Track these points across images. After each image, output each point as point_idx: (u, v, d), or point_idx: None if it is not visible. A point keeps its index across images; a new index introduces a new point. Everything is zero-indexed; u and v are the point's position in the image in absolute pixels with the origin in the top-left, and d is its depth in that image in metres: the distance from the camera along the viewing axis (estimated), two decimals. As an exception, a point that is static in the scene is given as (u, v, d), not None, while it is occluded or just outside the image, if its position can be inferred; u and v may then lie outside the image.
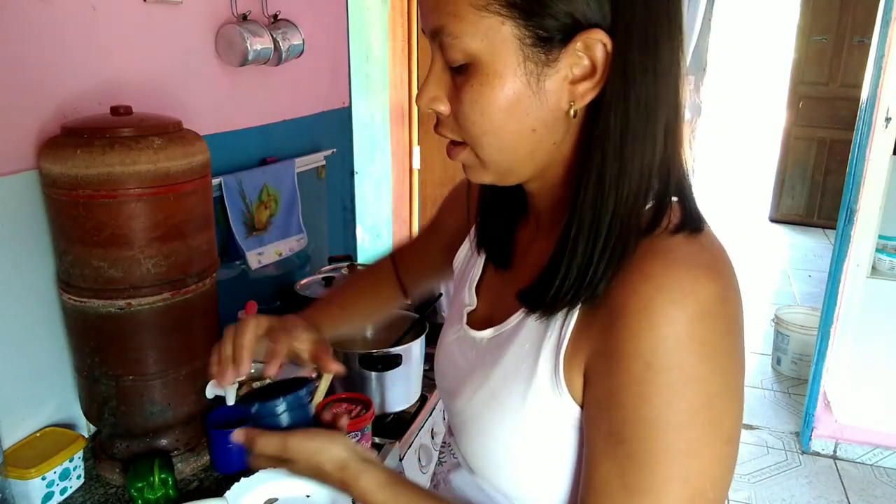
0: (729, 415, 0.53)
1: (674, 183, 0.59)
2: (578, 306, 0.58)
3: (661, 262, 0.53)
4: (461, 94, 0.57)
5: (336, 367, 0.76)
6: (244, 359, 0.77)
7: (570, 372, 0.58)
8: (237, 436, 0.70)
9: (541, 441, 0.61)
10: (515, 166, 0.61)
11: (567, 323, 0.58)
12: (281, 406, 0.69)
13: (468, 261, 0.81)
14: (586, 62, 0.55)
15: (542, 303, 0.60)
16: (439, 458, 0.83)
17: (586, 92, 0.56)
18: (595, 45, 0.55)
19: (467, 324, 0.74)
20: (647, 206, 0.57)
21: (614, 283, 0.55)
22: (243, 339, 0.77)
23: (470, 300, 0.76)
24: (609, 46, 0.54)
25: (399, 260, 1.01)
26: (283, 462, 0.68)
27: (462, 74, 0.57)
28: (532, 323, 0.62)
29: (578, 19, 0.54)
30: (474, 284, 0.76)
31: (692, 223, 0.57)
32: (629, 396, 0.52)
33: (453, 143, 0.62)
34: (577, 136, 0.60)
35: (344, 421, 0.72)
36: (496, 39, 0.55)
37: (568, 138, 0.60)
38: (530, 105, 0.57)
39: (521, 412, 0.61)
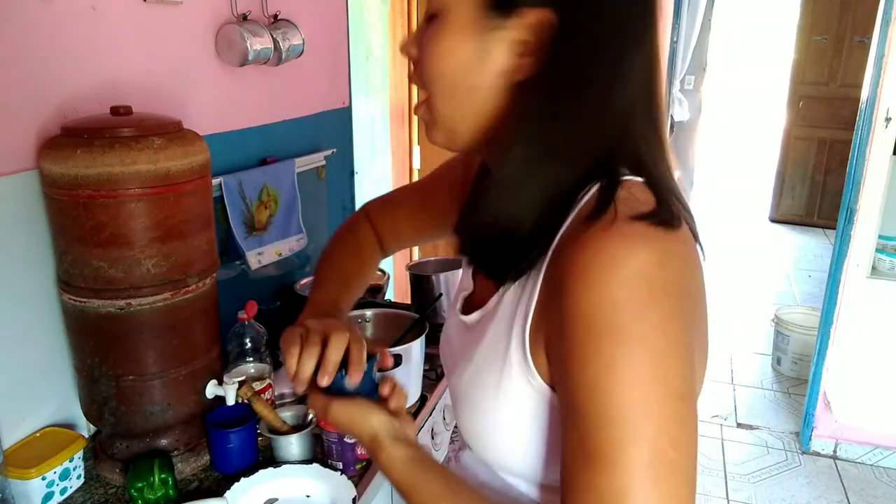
0: (678, 371, 0.52)
1: (623, 175, 0.60)
2: (538, 284, 0.60)
3: (598, 234, 0.54)
4: (426, 45, 0.63)
5: (390, 362, 0.77)
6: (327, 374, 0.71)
7: (536, 349, 0.60)
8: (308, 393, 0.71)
9: (518, 416, 0.63)
10: (459, 126, 0.65)
11: (530, 300, 0.60)
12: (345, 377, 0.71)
13: None
14: (531, 38, 0.59)
15: (501, 270, 0.64)
16: (452, 436, 0.87)
17: (523, 67, 0.60)
18: (539, 23, 0.58)
19: (462, 308, 0.76)
20: (588, 194, 0.59)
21: (563, 256, 0.56)
22: (332, 356, 0.70)
23: (467, 284, 0.79)
24: (552, 27, 0.58)
25: (377, 222, 1.02)
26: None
27: (429, 27, 0.63)
28: (506, 303, 0.65)
29: None
30: (470, 269, 0.79)
31: (655, 217, 0.56)
32: (575, 363, 0.53)
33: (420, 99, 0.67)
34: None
35: (395, 402, 0.71)
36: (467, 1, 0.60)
37: (509, 113, 0.62)
38: (475, 63, 0.61)
39: (498, 389, 0.63)
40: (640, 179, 0.61)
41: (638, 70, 0.60)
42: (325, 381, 0.68)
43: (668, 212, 0.57)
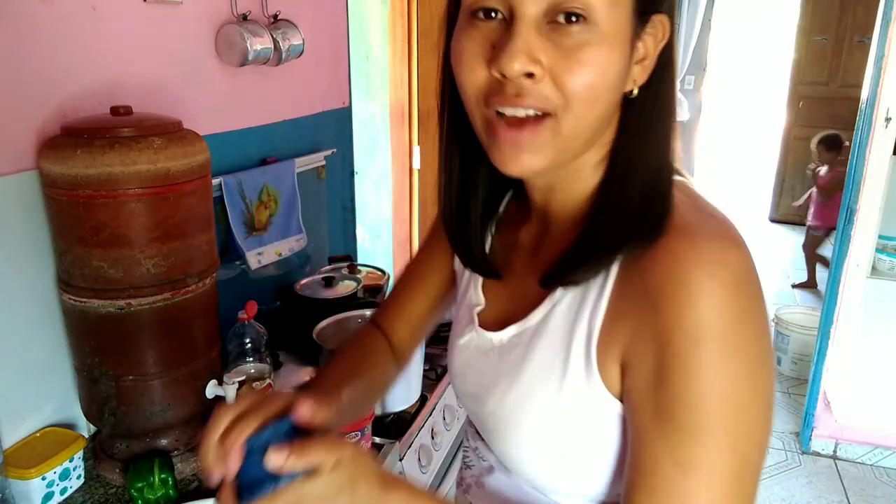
0: (768, 377, 0.53)
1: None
2: (606, 294, 0.58)
3: (688, 240, 0.53)
4: (578, 55, 0.53)
5: (306, 411, 0.56)
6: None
7: (605, 363, 0.58)
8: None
9: (577, 435, 0.61)
10: (582, 145, 0.59)
11: (597, 312, 0.58)
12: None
13: None
14: (649, 43, 0.58)
15: (573, 272, 0.60)
16: (465, 461, 0.81)
17: (642, 73, 0.58)
18: (660, 29, 0.57)
19: (480, 325, 0.72)
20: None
21: (646, 266, 0.55)
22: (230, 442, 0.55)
23: (477, 300, 0.74)
24: (666, 32, 0.58)
25: (383, 321, 0.89)
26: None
27: (573, 35, 0.53)
28: (560, 316, 0.62)
29: (660, 0, 0.57)
30: (479, 284, 0.75)
31: (697, 198, 0.60)
32: (677, 372, 0.52)
33: (521, 124, 0.56)
34: (616, 121, 0.62)
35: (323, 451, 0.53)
36: (622, 3, 0.54)
37: (612, 123, 0.61)
38: (622, 79, 0.57)
39: (555, 408, 0.61)
40: (682, 178, 0.62)
41: None
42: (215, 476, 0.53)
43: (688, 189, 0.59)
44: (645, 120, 0.60)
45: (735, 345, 0.51)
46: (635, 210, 0.58)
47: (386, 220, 2.52)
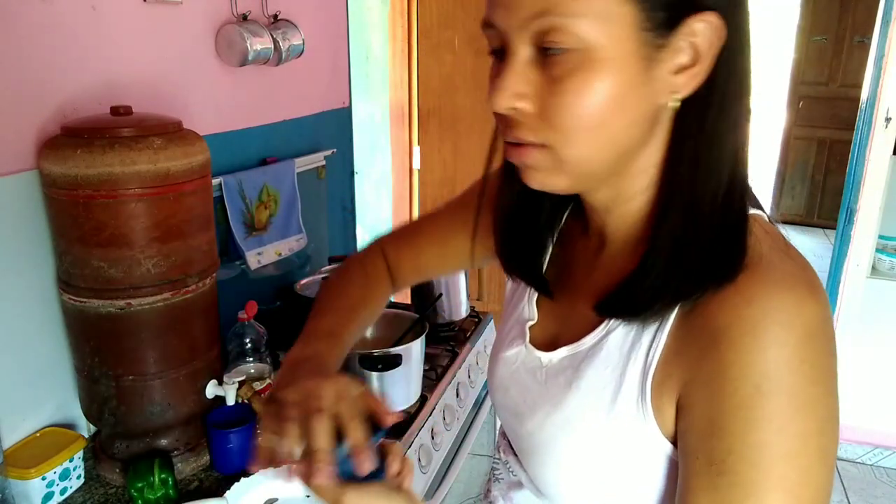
0: (833, 439, 0.50)
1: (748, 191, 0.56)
2: (667, 329, 0.55)
3: (762, 284, 0.50)
4: (563, 86, 0.51)
5: (392, 419, 0.60)
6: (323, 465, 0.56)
7: (659, 400, 0.55)
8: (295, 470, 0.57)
9: (619, 469, 0.58)
10: (599, 169, 0.55)
11: (655, 347, 0.55)
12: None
13: None
14: (690, 49, 0.51)
15: (633, 307, 0.56)
16: (494, 473, 0.79)
17: (688, 82, 0.52)
18: (705, 30, 0.51)
19: (530, 341, 0.69)
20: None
21: (713, 305, 0.51)
22: (319, 442, 0.56)
23: (531, 314, 0.71)
24: (723, 32, 0.51)
25: (389, 253, 0.91)
26: None
27: (561, 64, 0.51)
28: (614, 345, 0.58)
29: (691, 1, 0.51)
30: (534, 298, 0.71)
31: (776, 236, 0.55)
32: (736, 422, 0.49)
33: (519, 144, 0.56)
34: (664, 136, 0.56)
35: (407, 481, 0.60)
36: (614, 21, 0.49)
37: (653, 139, 0.56)
38: (638, 97, 0.52)
39: (600, 441, 0.58)
40: (759, 212, 0.57)
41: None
42: (321, 477, 0.54)
43: (775, 229, 0.55)
44: (705, 136, 0.54)
45: (804, 401, 0.49)
46: (703, 246, 0.53)
47: (386, 220, 2.52)
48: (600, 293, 0.60)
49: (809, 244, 5.20)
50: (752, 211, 0.56)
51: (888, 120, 2.34)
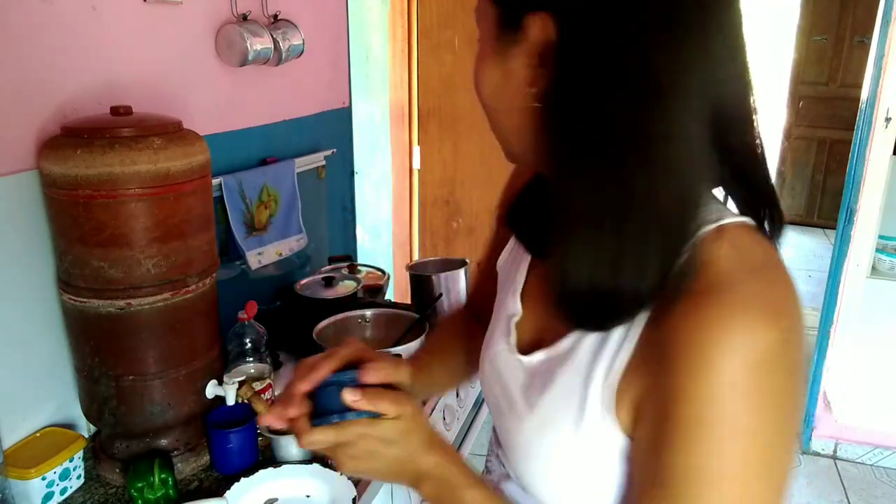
0: (783, 462, 0.50)
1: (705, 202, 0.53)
2: (635, 339, 0.54)
3: (716, 308, 0.48)
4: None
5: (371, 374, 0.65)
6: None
7: (621, 403, 0.55)
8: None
9: (593, 468, 0.59)
10: (514, 147, 0.63)
11: (618, 355, 0.55)
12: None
13: (512, 262, 0.76)
14: (532, 46, 0.54)
15: (575, 316, 0.56)
16: (487, 464, 0.81)
17: (537, 78, 0.55)
18: (537, 28, 0.53)
19: (516, 341, 0.70)
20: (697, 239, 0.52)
21: (676, 322, 0.50)
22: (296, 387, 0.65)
23: (514, 308, 0.71)
24: (552, 31, 0.52)
25: (469, 303, 0.96)
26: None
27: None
28: (584, 350, 0.59)
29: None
30: (518, 291, 0.72)
31: (748, 249, 0.53)
32: (677, 442, 0.49)
33: None
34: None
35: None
36: (485, 18, 0.59)
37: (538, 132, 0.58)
38: (503, 85, 0.58)
39: (572, 442, 0.59)
40: (747, 220, 0.55)
41: (691, 75, 0.50)
42: (304, 385, 0.62)
43: (782, 266, 0.52)
44: (555, 125, 0.54)
45: (746, 428, 0.48)
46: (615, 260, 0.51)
47: (386, 220, 2.52)
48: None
49: (809, 244, 5.21)
50: (731, 220, 0.54)
51: (888, 120, 2.34)
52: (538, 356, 0.64)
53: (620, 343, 0.55)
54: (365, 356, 0.67)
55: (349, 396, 0.61)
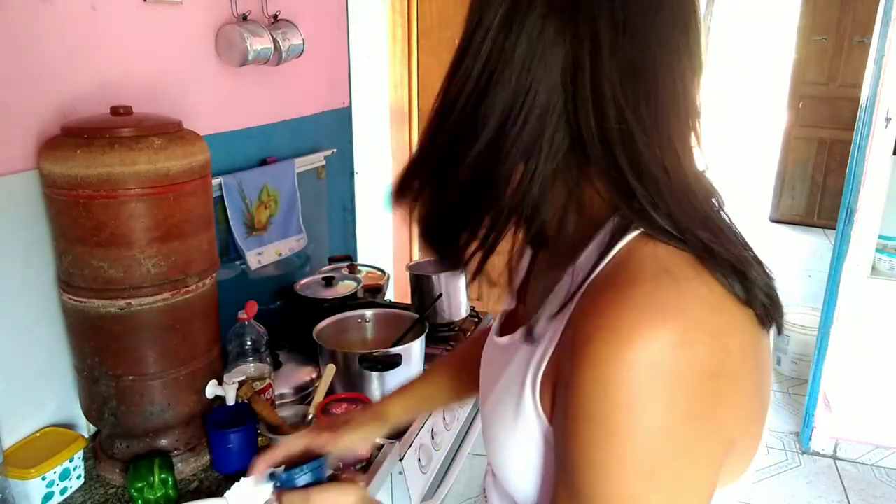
0: (670, 469, 0.49)
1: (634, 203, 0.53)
2: (562, 326, 0.55)
3: (617, 303, 0.49)
4: None
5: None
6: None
7: (544, 392, 0.57)
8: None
9: (529, 452, 0.60)
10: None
11: (550, 342, 0.57)
12: (302, 475, 0.79)
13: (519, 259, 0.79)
14: None
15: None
16: (488, 467, 0.83)
17: None
18: None
19: (501, 326, 0.73)
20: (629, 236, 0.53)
21: (585, 314, 0.52)
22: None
23: (508, 302, 0.76)
24: None
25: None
26: None
27: None
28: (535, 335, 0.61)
29: None
30: (516, 285, 0.75)
31: (685, 280, 0.50)
32: (568, 431, 0.51)
33: None
34: None
35: (360, 476, 0.77)
36: None
37: None
38: None
39: (513, 423, 0.60)
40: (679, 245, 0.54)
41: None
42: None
43: (703, 281, 0.50)
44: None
45: (620, 427, 0.48)
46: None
47: (386, 220, 2.52)
48: (550, 282, 0.63)
49: (809, 244, 5.21)
50: (637, 232, 0.53)
51: (888, 120, 2.34)
52: (506, 339, 0.67)
53: (555, 331, 0.57)
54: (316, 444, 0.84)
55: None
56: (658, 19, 0.52)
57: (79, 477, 1.13)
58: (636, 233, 0.53)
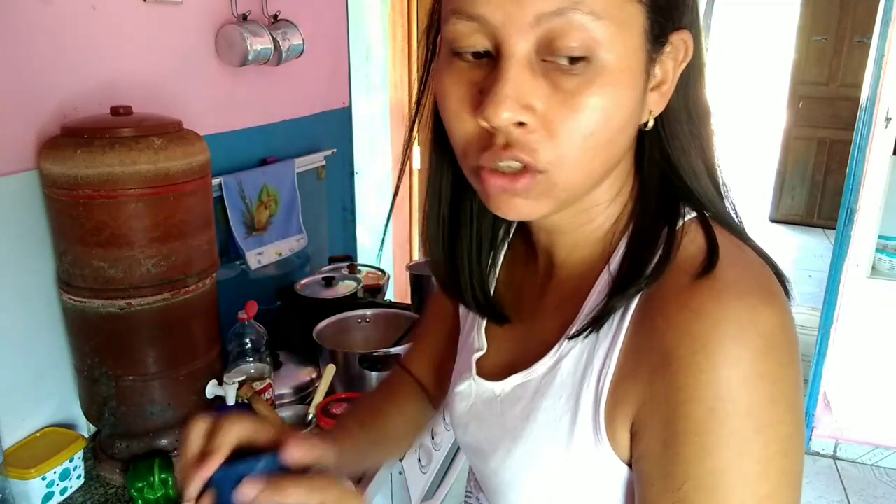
0: (800, 457, 0.46)
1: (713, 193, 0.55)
2: (618, 347, 0.51)
3: (710, 294, 0.46)
4: (579, 101, 0.46)
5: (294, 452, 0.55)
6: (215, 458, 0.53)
7: (613, 425, 0.51)
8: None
9: (586, 498, 0.55)
10: (588, 189, 0.53)
11: (606, 370, 0.51)
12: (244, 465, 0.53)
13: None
14: (668, 67, 0.51)
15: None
16: (466, 500, 0.78)
17: (659, 101, 0.51)
18: (681, 49, 0.50)
19: (478, 372, 0.65)
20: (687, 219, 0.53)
21: (660, 323, 0.48)
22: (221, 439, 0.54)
23: (479, 344, 0.67)
24: (690, 52, 0.51)
25: (409, 363, 0.86)
26: None
27: (574, 75, 0.45)
28: (567, 371, 0.55)
29: (679, 16, 0.50)
30: (483, 327, 0.67)
31: (727, 238, 0.52)
32: (691, 448, 0.45)
33: (505, 172, 0.49)
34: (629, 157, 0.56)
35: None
36: (633, 29, 0.46)
37: (641, 158, 0.56)
38: (634, 117, 0.50)
39: (562, 472, 0.54)
40: (694, 214, 0.54)
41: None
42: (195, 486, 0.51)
43: (748, 249, 0.52)
44: (671, 152, 0.53)
45: (763, 421, 0.44)
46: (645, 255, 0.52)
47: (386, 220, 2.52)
48: (557, 316, 0.58)
49: (809, 244, 5.21)
50: (692, 216, 0.54)
51: (888, 120, 2.34)
52: (513, 380, 0.60)
53: (606, 356, 0.51)
54: (269, 436, 0.56)
55: (247, 492, 0.49)
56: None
57: (79, 477, 1.13)
58: (685, 219, 0.53)
